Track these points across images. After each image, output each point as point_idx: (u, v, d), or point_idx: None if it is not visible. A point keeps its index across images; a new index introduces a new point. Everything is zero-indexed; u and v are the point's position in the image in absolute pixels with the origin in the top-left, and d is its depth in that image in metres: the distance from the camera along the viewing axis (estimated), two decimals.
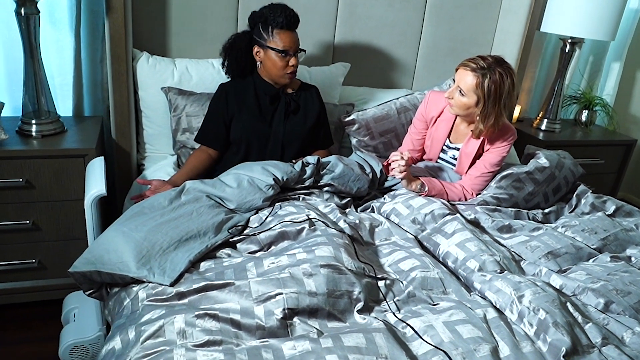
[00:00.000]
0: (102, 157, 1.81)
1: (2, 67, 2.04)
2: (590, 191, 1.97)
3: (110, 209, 2.15)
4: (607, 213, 1.86)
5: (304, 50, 1.91)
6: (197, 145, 1.96)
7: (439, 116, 1.90)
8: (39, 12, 1.80)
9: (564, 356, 1.13)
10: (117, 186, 2.12)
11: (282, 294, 1.18)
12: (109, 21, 1.89)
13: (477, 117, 1.72)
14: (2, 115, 1.99)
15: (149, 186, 1.73)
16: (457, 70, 1.72)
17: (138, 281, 1.31)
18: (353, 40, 2.42)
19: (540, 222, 1.81)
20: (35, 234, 1.89)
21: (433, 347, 1.12)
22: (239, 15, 2.22)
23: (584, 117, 2.82)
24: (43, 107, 1.91)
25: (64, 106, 2.17)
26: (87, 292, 1.43)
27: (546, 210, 1.88)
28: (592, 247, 1.65)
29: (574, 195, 1.96)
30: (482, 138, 1.81)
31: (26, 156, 1.79)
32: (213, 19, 2.20)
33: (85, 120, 2.14)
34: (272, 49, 1.82)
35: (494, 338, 1.18)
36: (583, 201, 1.93)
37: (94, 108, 2.22)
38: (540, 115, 2.75)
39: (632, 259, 1.60)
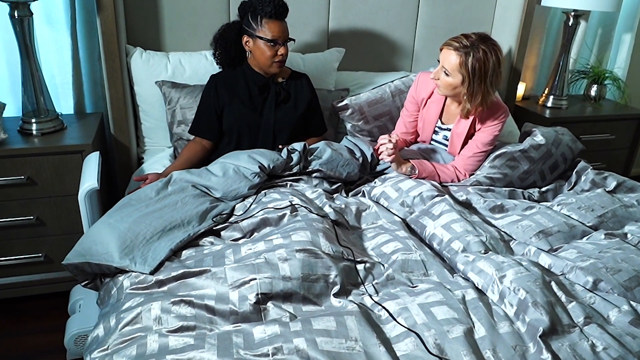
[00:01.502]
0: (98, 152, 1.86)
1: (3, 69, 2.11)
2: (591, 167, 1.91)
3: (112, 202, 2.20)
4: (607, 189, 1.81)
5: (293, 40, 1.90)
6: (192, 137, 1.99)
7: (429, 97, 1.87)
8: (32, 14, 1.85)
9: (541, 336, 1.11)
10: (118, 180, 2.17)
11: (255, 279, 1.20)
12: (100, 19, 1.93)
13: (464, 97, 1.69)
14: (5, 115, 2.06)
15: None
16: (441, 50, 1.69)
17: (124, 271, 1.34)
18: (348, 25, 2.40)
19: (536, 201, 1.77)
20: (40, 229, 1.96)
21: (406, 329, 1.12)
22: (230, 6, 2.23)
23: (593, 92, 2.72)
24: (42, 106, 1.96)
25: (66, 104, 2.22)
26: (83, 284, 1.48)
27: (543, 189, 1.84)
28: (587, 224, 1.61)
29: (574, 172, 1.91)
30: (472, 117, 1.77)
31: (26, 154, 1.85)
32: (205, 11, 2.21)
33: (86, 117, 2.19)
34: (261, 38, 1.82)
35: (471, 319, 1.16)
36: (583, 178, 1.88)
37: (95, 105, 2.27)
38: (545, 93, 2.67)
39: (629, 235, 1.55)
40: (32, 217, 1.92)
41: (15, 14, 1.80)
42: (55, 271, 2.03)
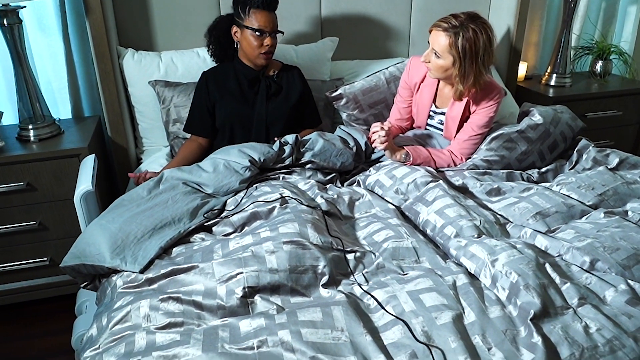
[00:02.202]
0: (94, 155, 1.87)
1: (0, 78, 2.14)
2: (593, 145, 1.85)
3: None
4: (609, 167, 1.75)
5: (282, 32, 1.88)
6: (189, 135, 1.99)
7: (422, 82, 1.84)
8: (22, 21, 1.87)
9: (531, 319, 1.08)
10: (118, 181, 2.19)
11: (242, 272, 1.19)
12: (89, 22, 1.94)
13: (456, 78, 1.65)
14: (3, 123, 2.09)
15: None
16: (430, 32, 1.66)
17: (117, 271, 1.35)
18: (341, 13, 2.37)
19: (535, 182, 1.73)
20: (44, 234, 1.99)
21: (394, 318, 1.11)
22: (220, 3, 2.22)
23: (598, 68, 2.64)
24: (38, 113, 1.99)
25: (64, 109, 2.25)
26: (82, 285, 1.50)
27: (543, 169, 1.80)
28: (587, 204, 1.56)
29: (575, 151, 1.86)
30: (465, 100, 1.74)
31: (25, 160, 1.87)
32: (195, 9, 2.21)
33: (83, 120, 2.21)
34: (248, 27, 1.81)
35: (460, 305, 1.14)
36: (584, 156, 1.83)
37: (93, 108, 2.29)
38: (548, 71, 2.61)
39: (629, 212, 1.50)
40: (34, 222, 1.95)
41: (5, 22, 1.82)
42: (61, 274, 2.06)
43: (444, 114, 1.84)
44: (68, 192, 1.95)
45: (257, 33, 1.81)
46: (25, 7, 1.87)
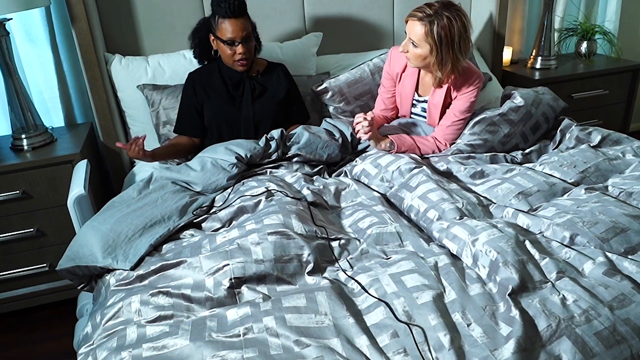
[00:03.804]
0: (86, 160, 1.91)
1: None
2: (575, 124, 1.88)
3: None
4: (592, 144, 1.78)
5: (253, 36, 1.87)
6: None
7: (403, 71, 1.87)
8: (9, 33, 1.91)
9: (510, 294, 1.11)
10: (113, 186, 2.23)
11: (228, 264, 1.23)
12: (75, 30, 1.98)
13: (434, 66, 1.68)
14: None
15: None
16: (406, 22, 1.68)
17: (111, 270, 1.39)
18: (324, 8, 2.40)
19: (519, 164, 1.75)
20: (42, 240, 2.03)
21: (376, 300, 1.14)
22: (204, 4, 2.25)
23: (583, 49, 2.66)
24: (30, 122, 2.03)
25: (57, 117, 2.28)
26: (79, 287, 1.54)
27: (527, 151, 1.82)
28: (569, 181, 1.59)
29: (558, 131, 1.88)
30: (446, 86, 1.76)
31: (19, 169, 1.91)
32: (180, 11, 2.23)
33: (76, 127, 2.25)
34: (219, 38, 1.82)
35: (442, 284, 1.17)
36: (568, 135, 1.85)
37: (85, 114, 2.33)
38: (533, 54, 2.63)
39: (609, 188, 1.52)
40: (32, 230, 1.99)
41: None
42: (61, 279, 2.10)
43: (426, 101, 1.87)
44: (63, 198, 1.99)
45: (226, 44, 1.81)
46: (12, 19, 1.91)
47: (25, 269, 2.03)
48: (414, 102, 1.90)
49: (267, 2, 2.26)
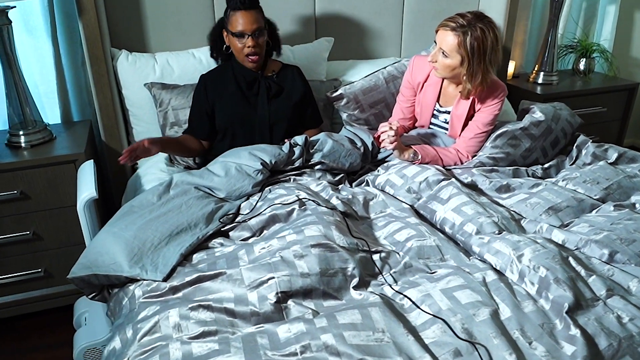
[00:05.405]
0: (92, 161, 1.80)
1: None
2: (591, 141, 1.91)
3: (107, 211, 2.15)
4: (609, 161, 1.81)
5: (264, 29, 1.82)
6: None
7: (425, 81, 1.85)
8: (11, 22, 1.78)
9: (567, 312, 1.10)
10: (112, 188, 2.12)
11: (274, 278, 1.17)
12: (82, 23, 1.87)
13: (464, 77, 1.67)
14: None
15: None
16: (437, 31, 1.67)
17: (134, 280, 1.31)
18: (334, 13, 2.36)
19: (540, 178, 1.77)
20: (38, 244, 1.90)
21: (431, 316, 1.10)
22: (214, 3, 2.17)
23: (582, 66, 2.73)
24: (29, 117, 1.90)
25: (52, 114, 2.16)
26: (90, 296, 1.44)
27: (546, 165, 1.84)
28: (594, 197, 1.61)
29: (574, 147, 1.91)
30: (471, 98, 1.76)
31: (17, 168, 1.79)
32: (188, 9, 2.15)
33: (74, 125, 2.13)
34: (229, 31, 1.78)
35: (494, 301, 1.15)
36: (584, 152, 1.88)
37: (82, 112, 2.21)
38: (536, 69, 2.67)
39: (637, 205, 1.55)
40: (28, 232, 1.86)
41: None
42: (56, 285, 1.98)
43: (448, 112, 1.86)
44: (63, 200, 1.88)
45: (236, 36, 1.77)
46: (15, 7, 1.79)
47: (18, 274, 1.90)
48: (435, 112, 1.89)
49: (277, 3, 2.20)
